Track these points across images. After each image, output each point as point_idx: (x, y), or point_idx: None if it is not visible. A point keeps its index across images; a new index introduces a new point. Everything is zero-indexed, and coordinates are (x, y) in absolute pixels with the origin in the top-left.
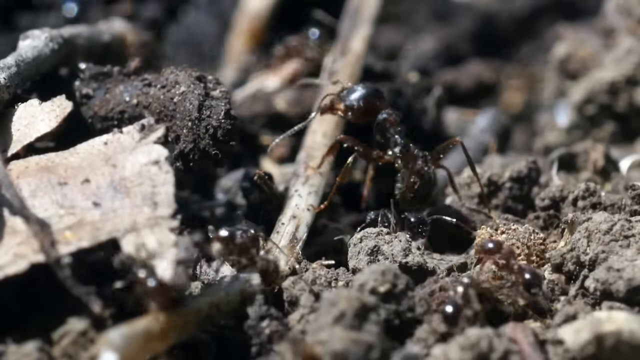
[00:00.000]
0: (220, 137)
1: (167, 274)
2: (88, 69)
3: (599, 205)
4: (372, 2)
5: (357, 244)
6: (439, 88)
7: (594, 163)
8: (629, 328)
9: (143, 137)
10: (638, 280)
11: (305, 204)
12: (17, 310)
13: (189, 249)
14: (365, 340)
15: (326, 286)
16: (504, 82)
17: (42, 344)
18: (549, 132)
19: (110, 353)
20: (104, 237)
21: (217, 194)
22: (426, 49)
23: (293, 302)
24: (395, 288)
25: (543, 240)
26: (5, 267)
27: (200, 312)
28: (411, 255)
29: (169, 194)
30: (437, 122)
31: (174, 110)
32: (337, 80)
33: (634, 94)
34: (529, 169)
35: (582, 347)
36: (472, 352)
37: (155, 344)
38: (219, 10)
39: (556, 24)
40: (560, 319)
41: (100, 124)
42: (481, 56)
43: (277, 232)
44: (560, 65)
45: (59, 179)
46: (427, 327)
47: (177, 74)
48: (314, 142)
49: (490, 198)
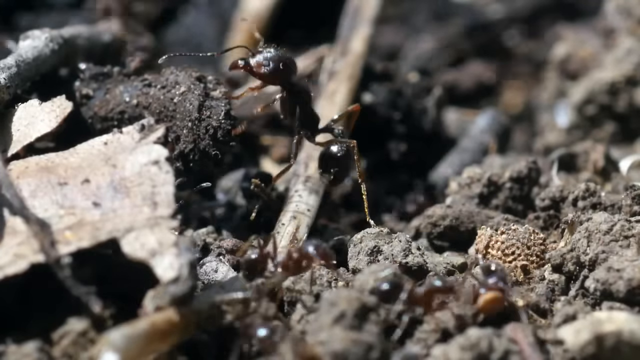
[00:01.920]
0: (220, 137)
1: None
2: (88, 69)
3: (599, 206)
4: (372, 2)
5: (357, 244)
6: (439, 88)
7: (594, 163)
8: (629, 328)
9: (143, 137)
10: (638, 280)
11: (305, 205)
12: (17, 310)
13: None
14: (365, 340)
15: (326, 286)
16: (504, 82)
17: (42, 344)
18: (549, 132)
19: (111, 354)
20: (104, 237)
21: (217, 194)
22: (426, 49)
23: (293, 302)
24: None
25: (543, 241)
26: (5, 267)
27: (201, 312)
28: (411, 256)
29: (169, 194)
30: (437, 122)
31: (174, 111)
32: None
33: (634, 94)
34: (529, 169)
35: (582, 347)
36: (472, 352)
37: (156, 344)
38: (219, 10)
39: (556, 24)
40: (560, 319)
41: (100, 124)
42: (481, 56)
43: (277, 233)
44: (560, 66)
45: (59, 179)
46: (427, 327)
47: (177, 74)
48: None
49: (490, 198)
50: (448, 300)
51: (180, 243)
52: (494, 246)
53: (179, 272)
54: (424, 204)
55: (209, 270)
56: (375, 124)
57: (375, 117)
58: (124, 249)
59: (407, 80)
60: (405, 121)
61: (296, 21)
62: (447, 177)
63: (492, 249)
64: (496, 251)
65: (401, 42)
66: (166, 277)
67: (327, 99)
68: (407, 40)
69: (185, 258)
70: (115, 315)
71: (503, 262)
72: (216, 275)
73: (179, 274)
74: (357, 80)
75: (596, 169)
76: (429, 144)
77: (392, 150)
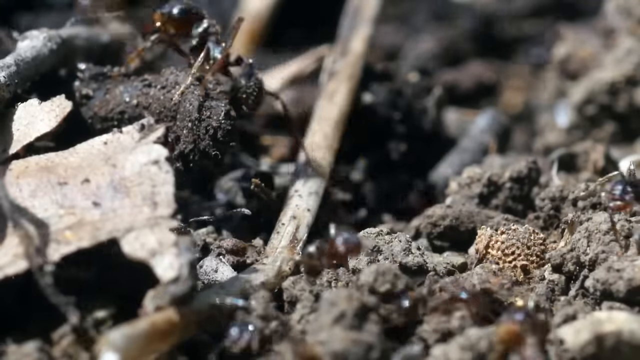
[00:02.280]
0: (220, 137)
1: (168, 274)
2: (88, 69)
3: (599, 206)
4: (372, 2)
5: None
6: (439, 88)
7: (594, 163)
8: (629, 328)
9: (143, 136)
10: (638, 280)
11: (305, 205)
12: (17, 310)
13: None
14: (365, 340)
15: (326, 286)
16: (504, 82)
17: (42, 344)
18: (549, 132)
19: (111, 354)
20: (104, 237)
21: (217, 194)
22: (426, 49)
23: (293, 302)
24: (395, 288)
25: (543, 241)
26: (5, 267)
27: (201, 312)
28: (411, 256)
29: (169, 194)
30: (437, 122)
31: (174, 111)
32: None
33: (634, 94)
34: (529, 169)
35: (582, 347)
36: (472, 352)
37: (156, 344)
38: (219, 10)
39: (556, 24)
40: (560, 319)
41: (100, 125)
42: (481, 56)
43: (277, 233)
44: (560, 66)
45: (59, 179)
46: (427, 327)
47: (177, 74)
48: (314, 142)
49: (490, 198)
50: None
51: (180, 243)
52: (494, 246)
53: (179, 272)
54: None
55: (209, 270)
56: (375, 124)
57: (375, 117)
58: (124, 249)
59: (407, 80)
60: (405, 121)
61: (296, 21)
62: (447, 177)
63: (492, 249)
64: (496, 251)
65: (401, 42)
66: (166, 277)
67: (327, 99)
68: (407, 40)
69: (185, 258)
70: (115, 315)
71: (503, 262)
72: (216, 275)
73: (179, 274)
74: (357, 80)
75: (596, 169)
76: (429, 144)
77: (392, 150)
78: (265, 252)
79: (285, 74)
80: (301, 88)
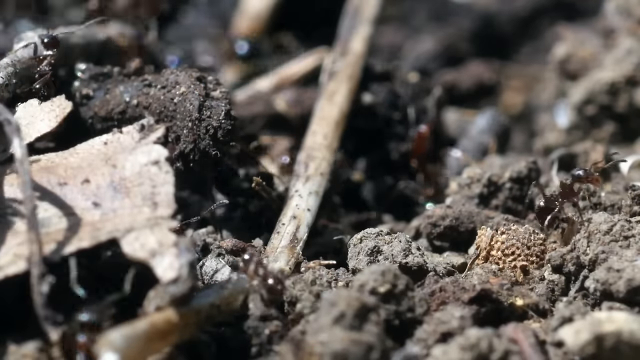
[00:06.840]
0: (220, 137)
1: (168, 274)
2: (88, 69)
3: (599, 206)
4: (372, 2)
5: (357, 244)
6: (439, 88)
7: (594, 163)
8: (629, 328)
9: (143, 137)
10: (638, 281)
11: (305, 205)
12: (17, 310)
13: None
14: (365, 340)
15: (326, 286)
16: (504, 82)
17: (42, 344)
18: (549, 132)
19: (111, 354)
20: (104, 237)
21: (217, 194)
22: (426, 49)
23: (293, 302)
24: (395, 288)
25: (543, 241)
26: (5, 267)
27: (200, 312)
28: (411, 256)
29: (169, 194)
30: (437, 122)
31: (174, 111)
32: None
33: (634, 94)
34: (529, 170)
35: (582, 348)
36: (472, 352)
37: (156, 344)
38: (218, 10)
39: (556, 24)
40: (560, 319)
41: (100, 125)
42: (481, 56)
43: (277, 233)
44: (560, 66)
45: (59, 179)
46: (427, 327)
47: (177, 74)
48: (314, 142)
49: (490, 198)
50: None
51: (180, 243)
52: (494, 246)
53: (179, 272)
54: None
55: (209, 270)
56: (375, 124)
57: (375, 117)
58: (124, 249)
59: (407, 80)
60: (405, 121)
61: (296, 21)
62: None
63: (492, 249)
64: (496, 251)
65: (401, 42)
66: (166, 277)
67: (327, 99)
68: (407, 40)
69: (185, 258)
70: (115, 315)
71: (503, 262)
72: (216, 275)
73: (179, 274)
74: (357, 80)
75: (596, 169)
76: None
77: (392, 150)
78: (265, 252)
79: (285, 74)
80: (301, 88)
